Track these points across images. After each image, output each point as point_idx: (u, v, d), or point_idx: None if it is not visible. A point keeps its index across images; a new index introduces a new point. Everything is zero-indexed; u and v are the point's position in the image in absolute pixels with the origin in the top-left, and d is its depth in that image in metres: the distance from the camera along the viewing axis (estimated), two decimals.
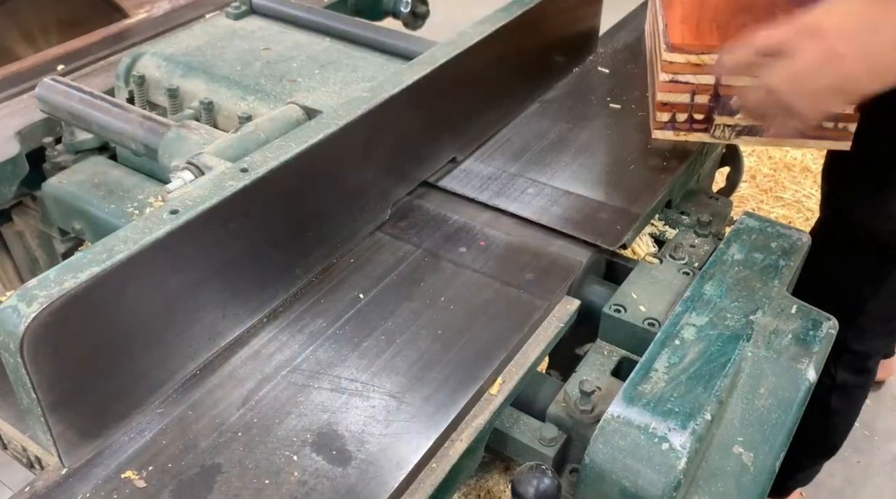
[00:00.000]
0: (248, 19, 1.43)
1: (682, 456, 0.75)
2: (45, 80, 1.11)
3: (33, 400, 0.67)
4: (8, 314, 0.65)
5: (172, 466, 0.73)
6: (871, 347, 1.43)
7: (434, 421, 0.78)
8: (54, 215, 1.21)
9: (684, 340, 0.87)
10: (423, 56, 1.06)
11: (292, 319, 0.89)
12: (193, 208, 0.77)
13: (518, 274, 0.97)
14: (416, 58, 1.06)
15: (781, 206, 2.80)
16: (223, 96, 1.20)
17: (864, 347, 1.40)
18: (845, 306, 1.35)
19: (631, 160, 1.16)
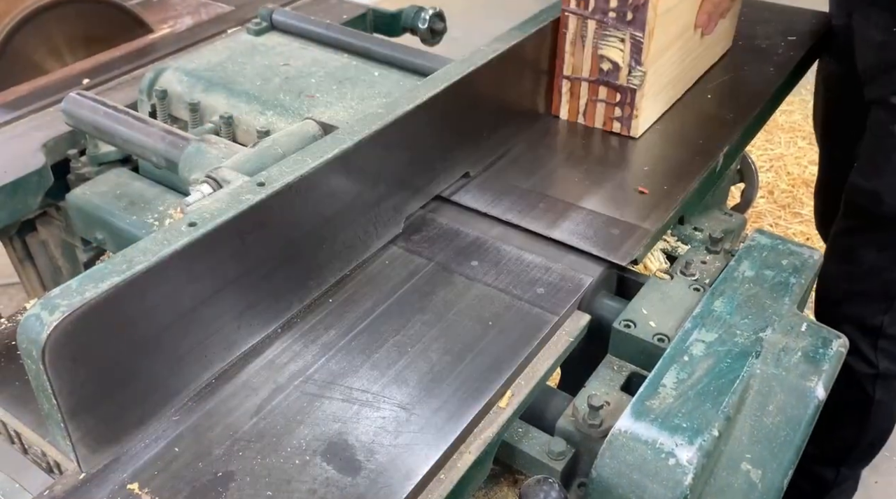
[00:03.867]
0: (268, 35, 1.46)
1: (689, 472, 0.75)
2: (71, 95, 1.14)
3: (53, 406, 0.69)
4: (31, 322, 0.67)
5: (186, 473, 0.75)
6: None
7: (443, 433, 0.79)
8: (77, 225, 1.25)
9: (693, 356, 0.87)
10: (438, 73, 1.08)
11: (306, 330, 0.91)
12: (211, 221, 0.79)
13: (529, 288, 0.98)
14: (432, 74, 1.08)
15: (799, 222, 2.78)
16: (243, 111, 1.23)
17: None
18: (878, 289, 1.37)
19: (644, 175, 1.17)
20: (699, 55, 1.37)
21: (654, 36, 1.15)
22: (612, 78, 1.21)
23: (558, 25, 1.21)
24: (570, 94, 1.27)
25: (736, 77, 1.42)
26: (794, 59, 1.48)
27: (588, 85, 1.24)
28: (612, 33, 1.17)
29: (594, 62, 1.21)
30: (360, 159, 0.95)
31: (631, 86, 1.20)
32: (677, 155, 1.22)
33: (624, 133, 1.24)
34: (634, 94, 1.20)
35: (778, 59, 1.48)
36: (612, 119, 1.24)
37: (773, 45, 1.53)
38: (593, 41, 1.20)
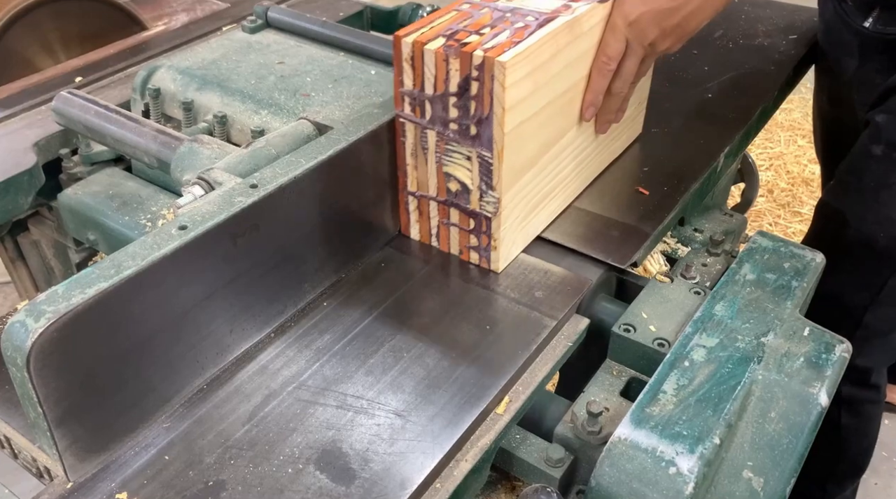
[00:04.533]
0: (263, 33, 1.44)
1: (689, 481, 0.74)
2: (62, 94, 1.12)
3: (39, 414, 0.68)
4: (16, 329, 0.65)
5: (177, 481, 0.73)
6: (872, 361, 1.40)
7: (440, 440, 0.78)
8: (69, 226, 1.23)
9: (694, 361, 0.86)
10: None
11: (299, 335, 0.89)
12: (202, 224, 0.78)
13: (527, 291, 0.96)
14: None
15: (799, 221, 2.77)
16: (237, 110, 1.21)
17: (865, 362, 1.37)
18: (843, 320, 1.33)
19: (643, 177, 1.16)
20: (593, 155, 1.11)
21: (505, 156, 0.88)
22: (463, 201, 0.94)
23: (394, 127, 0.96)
24: (418, 213, 1.00)
25: (736, 76, 1.41)
26: (795, 58, 1.46)
27: (437, 205, 0.97)
28: (455, 149, 0.91)
29: (440, 180, 0.94)
30: (355, 160, 0.93)
31: (485, 213, 0.93)
32: (677, 155, 1.21)
33: (483, 266, 0.98)
34: (490, 222, 0.94)
35: (779, 57, 1.47)
36: (468, 248, 0.98)
37: (773, 43, 1.51)
38: (436, 156, 0.93)
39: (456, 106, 0.87)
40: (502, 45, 0.83)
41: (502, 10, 0.92)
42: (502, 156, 0.87)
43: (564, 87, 0.95)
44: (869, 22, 1.24)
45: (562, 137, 1.00)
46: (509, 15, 0.91)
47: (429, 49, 0.86)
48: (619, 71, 0.98)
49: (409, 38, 0.87)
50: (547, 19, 0.89)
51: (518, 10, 0.91)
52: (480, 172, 0.90)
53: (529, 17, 0.89)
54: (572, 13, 0.91)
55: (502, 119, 0.85)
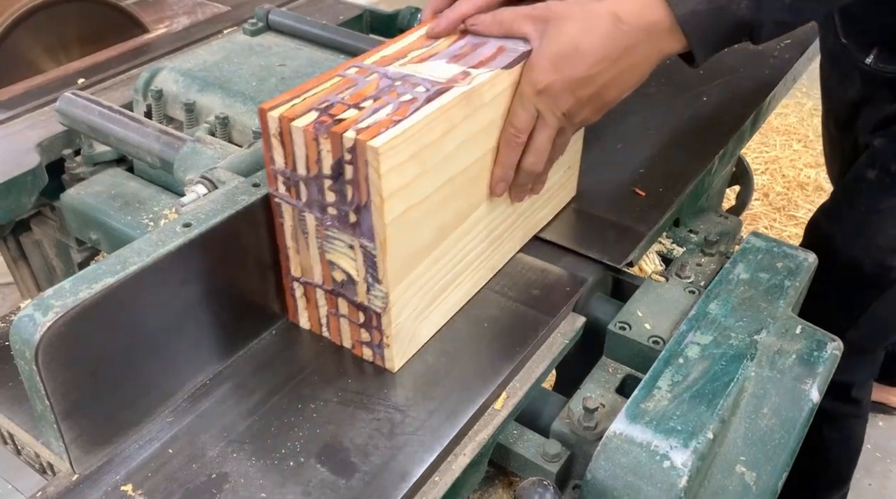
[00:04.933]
0: (264, 35, 1.46)
1: (683, 474, 0.75)
2: (66, 94, 1.14)
3: (46, 407, 0.69)
4: (24, 323, 0.66)
5: (180, 474, 0.75)
6: (852, 377, 1.40)
7: (438, 435, 0.79)
8: (72, 225, 1.24)
9: (688, 358, 0.87)
10: None
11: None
12: (206, 222, 0.79)
13: (524, 290, 0.98)
14: None
15: (794, 225, 2.79)
16: (239, 111, 1.23)
17: (846, 378, 1.37)
18: None
19: (639, 178, 1.17)
20: (512, 228, 0.99)
21: (389, 248, 0.76)
22: (350, 292, 0.82)
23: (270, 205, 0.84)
24: (305, 300, 0.88)
25: (731, 79, 1.43)
26: (790, 62, 1.48)
27: (324, 294, 0.85)
28: (337, 236, 0.79)
29: (325, 267, 0.83)
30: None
31: (373, 308, 0.81)
32: (672, 157, 1.22)
33: (378, 363, 0.86)
34: (381, 318, 0.81)
35: (773, 61, 1.49)
36: (360, 343, 0.86)
37: (768, 48, 1.53)
38: (318, 241, 0.81)
39: (332, 190, 0.76)
40: (379, 125, 0.72)
41: (391, 79, 0.80)
42: (385, 247, 0.76)
43: (465, 165, 0.83)
44: (870, 59, 1.24)
45: (468, 215, 0.88)
46: (398, 84, 0.79)
47: (296, 126, 0.73)
48: (530, 144, 0.87)
49: (275, 111, 0.75)
50: (440, 90, 0.77)
51: (409, 79, 0.80)
52: (365, 264, 0.79)
53: (420, 88, 0.78)
54: (469, 83, 0.79)
55: (381, 208, 0.73)
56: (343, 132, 0.71)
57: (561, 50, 0.81)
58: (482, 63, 0.83)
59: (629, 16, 0.80)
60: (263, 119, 0.76)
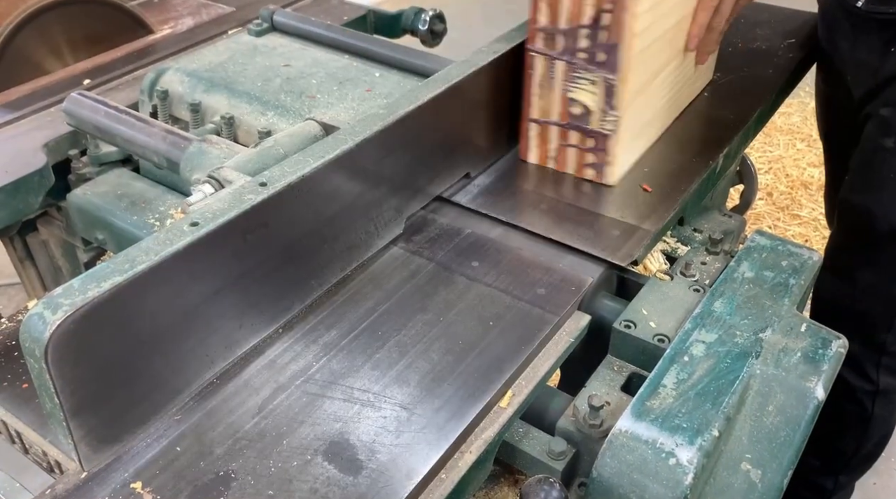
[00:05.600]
0: (269, 36, 1.46)
1: (689, 472, 0.76)
2: (73, 95, 1.15)
3: (56, 405, 0.69)
4: (34, 321, 0.67)
5: (188, 472, 0.75)
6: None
7: (444, 432, 0.79)
8: (78, 225, 1.25)
9: (693, 356, 0.87)
10: (438, 74, 1.08)
11: (307, 330, 0.91)
12: (213, 221, 0.79)
13: (529, 288, 0.98)
14: (432, 75, 1.08)
15: (798, 224, 2.79)
16: (244, 111, 1.23)
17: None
18: (880, 308, 1.36)
19: (644, 176, 1.17)
20: (683, 88, 1.29)
21: (628, 79, 1.05)
22: (584, 123, 1.10)
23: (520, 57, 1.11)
24: (539, 139, 1.16)
25: (735, 78, 1.43)
26: (794, 61, 1.48)
27: (558, 129, 1.13)
28: (582, 75, 1.07)
29: (564, 106, 1.11)
30: (361, 160, 0.95)
31: (604, 131, 1.09)
32: (677, 156, 1.23)
33: (598, 180, 1.14)
34: (608, 139, 1.10)
35: (777, 60, 1.49)
36: (584, 166, 1.14)
37: (772, 46, 1.53)
38: (562, 84, 1.09)
39: (588, 37, 1.03)
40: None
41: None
42: (627, 77, 1.03)
43: (671, 23, 1.11)
44: (861, 2, 1.27)
45: (666, 67, 1.16)
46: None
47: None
48: (718, 8, 1.16)
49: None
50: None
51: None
52: (605, 95, 1.06)
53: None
54: None
55: (631, 44, 1.01)
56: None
57: None
58: None
59: None
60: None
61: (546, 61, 1.08)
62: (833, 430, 1.53)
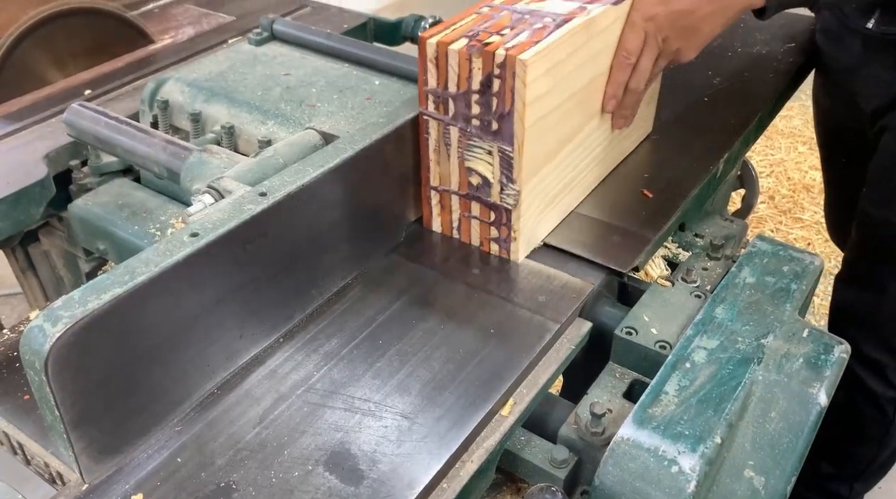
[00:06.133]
0: (269, 45, 1.46)
1: (691, 479, 0.75)
2: (73, 106, 1.15)
3: (56, 417, 0.69)
4: (34, 334, 0.67)
5: (189, 483, 0.75)
6: None
7: (445, 442, 0.79)
8: (79, 236, 1.25)
9: (695, 363, 0.87)
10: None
11: (307, 340, 0.91)
12: (213, 231, 0.79)
13: (530, 296, 0.98)
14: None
15: (800, 227, 2.79)
16: (244, 121, 1.24)
17: None
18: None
19: (644, 182, 1.17)
20: (610, 147, 1.16)
21: (525, 150, 0.93)
22: (484, 194, 0.99)
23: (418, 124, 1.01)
24: (440, 208, 1.05)
25: (736, 83, 1.43)
26: (794, 65, 1.48)
27: (459, 199, 1.03)
28: (477, 144, 0.96)
29: (462, 174, 1.00)
30: (360, 168, 0.95)
31: (505, 205, 0.98)
32: (677, 161, 1.22)
33: (504, 256, 1.03)
34: (511, 214, 0.99)
35: (777, 65, 1.49)
36: (488, 239, 1.04)
37: (772, 51, 1.53)
38: (458, 151, 0.98)
39: (478, 103, 0.93)
40: (523, 45, 0.88)
41: (521, 13, 0.97)
42: (523, 150, 0.93)
43: (580, 85, 1.01)
44: (871, 23, 1.27)
45: (579, 131, 1.05)
46: (528, 17, 0.96)
47: (452, 49, 0.91)
48: (636, 66, 1.05)
49: (433, 39, 0.92)
50: (564, 20, 0.94)
51: (536, 13, 0.97)
52: (501, 166, 0.96)
53: (547, 19, 0.94)
54: (588, 14, 0.96)
55: (523, 114, 0.90)
56: (494, 50, 0.88)
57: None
58: (593, 0, 1.00)
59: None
60: (422, 46, 0.93)
61: (440, 126, 0.98)
62: (852, 435, 1.52)
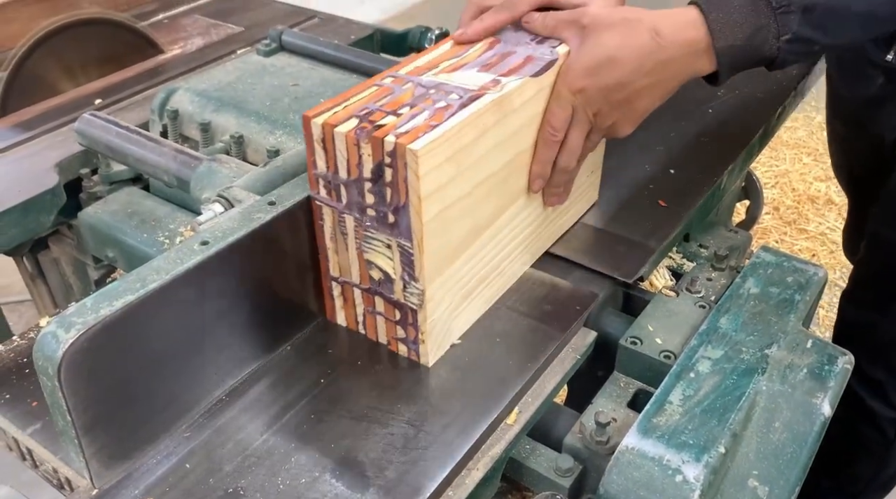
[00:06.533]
0: (277, 56, 1.48)
1: (695, 489, 0.76)
2: (85, 115, 1.16)
3: (68, 422, 0.70)
4: (48, 340, 0.68)
5: (197, 489, 0.76)
6: None
7: (451, 449, 0.80)
8: (89, 243, 1.26)
9: (699, 373, 0.88)
10: None
11: (316, 347, 0.92)
12: (223, 239, 0.81)
13: (535, 305, 0.98)
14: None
15: (805, 238, 2.79)
16: (253, 131, 1.25)
17: None
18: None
19: (649, 193, 1.18)
20: (541, 228, 1.02)
21: (426, 246, 0.79)
22: (387, 291, 0.85)
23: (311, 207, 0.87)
24: (342, 300, 0.92)
25: (740, 94, 1.44)
26: (798, 77, 1.49)
27: (361, 293, 0.89)
28: (375, 236, 0.82)
29: (363, 267, 0.86)
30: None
31: (410, 304, 0.84)
32: (682, 173, 1.23)
33: (413, 358, 0.89)
34: (417, 314, 0.85)
35: (781, 76, 1.49)
36: (395, 339, 0.89)
37: None
38: (356, 242, 0.85)
39: (372, 192, 0.79)
40: (417, 130, 0.75)
41: (426, 87, 0.83)
42: (422, 246, 0.79)
43: (496, 167, 0.87)
44: (891, 55, 1.25)
45: (499, 215, 0.91)
46: (433, 92, 0.82)
47: (339, 132, 0.77)
48: (565, 143, 0.92)
49: (319, 118, 0.79)
50: (472, 97, 0.81)
51: (442, 87, 0.83)
52: (402, 262, 0.82)
53: (453, 96, 0.81)
54: (501, 90, 0.82)
55: (419, 208, 0.76)
56: (384, 137, 0.75)
57: (598, 58, 0.86)
58: (511, 71, 0.86)
59: (668, 32, 0.85)
60: (307, 126, 0.80)
61: (334, 213, 0.85)
62: (850, 453, 1.52)
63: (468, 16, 0.96)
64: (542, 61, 0.88)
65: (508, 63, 0.88)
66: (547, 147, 0.92)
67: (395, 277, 0.84)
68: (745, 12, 0.83)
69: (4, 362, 0.94)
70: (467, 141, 0.80)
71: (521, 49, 0.91)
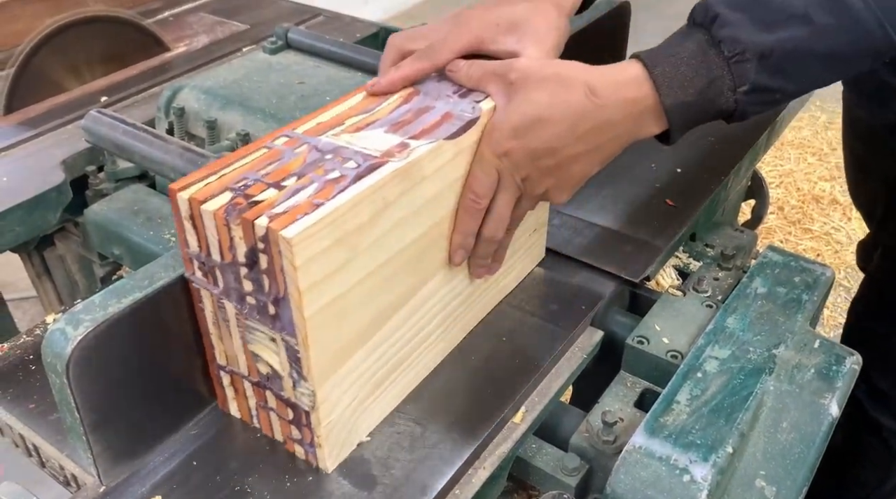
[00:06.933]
0: (283, 54, 1.48)
1: (703, 488, 0.76)
2: (91, 113, 1.16)
3: (76, 419, 0.70)
4: (56, 337, 0.68)
5: (204, 487, 0.76)
6: None
7: (458, 448, 0.80)
8: (94, 241, 1.26)
9: (707, 372, 0.88)
10: None
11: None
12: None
13: (542, 304, 0.98)
14: None
15: (810, 238, 2.78)
16: (259, 128, 1.25)
17: None
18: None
19: (655, 193, 1.18)
20: (472, 298, 0.91)
21: (312, 343, 0.67)
22: (277, 387, 0.74)
23: None
24: (233, 391, 0.80)
25: None
26: None
27: (252, 385, 0.77)
28: (257, 327, 0.71)
29: (249, 359, 0.75)
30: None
31: (302, 405, 0.73)
32: (688, 173, 1.23)
33: (311, 462, 0.77)
34: (310, 416, 0.73)
35: None
36: (291, 439, 0.78)
37: None
38: (239, 330, 0.73)
39: (248, 278, 0.67)
40: (296, 210, 0.63)
41: (322, 151, 0.72)
42: (307, 343, 0.67)
43: (405, 243, 0.75)
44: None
45: (414, 294, 0.80)
46: (328, 158, 0.71)
47: (206, 210, 0.66)
48: (490, 211, 0.81)
49: (185, 192, 0.67)
50: (372, 166, 0.69)
51: (341, 152, 0.71)
52: (289, 359, 0.70)
53: (350, 163, 0.70)
54: (407, 156, 0.71)
55: (300, 302, 0.64)
56: (255, 219, 0.63)
57: (525, 118, 0.75)
58: (424, 132, 0.75)
59: (606, 90, 0.74)
60: (174, 199, 0.68)
61: (213, 297, 0.73)
62: (856, 465, 1.52)
63: (387, 62, 0.85)
64: (460, 120, 0.76)
65: (423, 121, 0.76)
66: (469, 216, 0.80)
67: (284, 375, 0.72)
68: (694, 65, 0.72)
69: (10, 359, 0.94)
70: (363, 219, 0.68)
71: (440, 104, 0.79)
